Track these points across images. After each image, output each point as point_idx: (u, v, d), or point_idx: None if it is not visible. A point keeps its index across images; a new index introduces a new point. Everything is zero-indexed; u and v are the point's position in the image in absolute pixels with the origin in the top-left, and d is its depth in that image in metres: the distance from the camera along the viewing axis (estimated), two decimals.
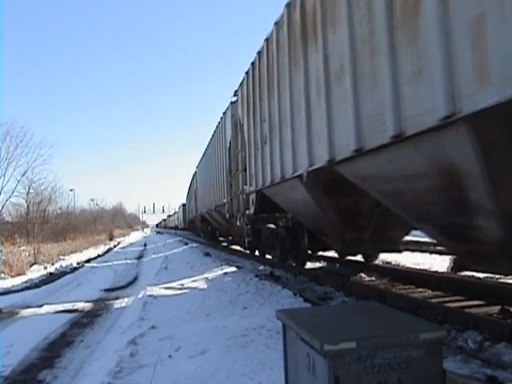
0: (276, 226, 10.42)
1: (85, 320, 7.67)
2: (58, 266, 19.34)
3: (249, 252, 14.66)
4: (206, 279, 9.84)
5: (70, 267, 18.69)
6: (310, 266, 10.06)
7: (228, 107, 13.60)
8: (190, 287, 8.99)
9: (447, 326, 4.59)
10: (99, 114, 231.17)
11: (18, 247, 22.21)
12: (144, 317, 6.48)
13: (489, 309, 5.20)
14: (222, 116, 14.96)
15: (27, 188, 33.40)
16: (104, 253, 29.22)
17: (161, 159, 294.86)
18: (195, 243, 25.74)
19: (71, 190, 44.15)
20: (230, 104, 13.05)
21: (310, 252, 9.42)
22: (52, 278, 15.48)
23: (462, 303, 5.58)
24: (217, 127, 16.46)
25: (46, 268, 18.92)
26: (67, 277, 15.61)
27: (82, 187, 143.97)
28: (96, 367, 4.82)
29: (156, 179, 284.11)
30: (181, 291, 8.62)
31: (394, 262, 9.58)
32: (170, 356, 4.52)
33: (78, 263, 20.59)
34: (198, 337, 5.05)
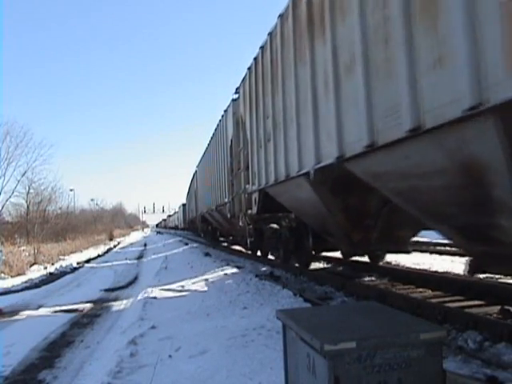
0: (279, 226, 10.23)
1: (85, 320, 7.67)
2: (57, 266, 19.34)
3: (250, 252, 14.44)
4: (206, 279, 9.83)
5: (69, 267, 18.70)
6: (312, 266, 9.95)
7: (229, 104, 13.34)
8: (190, 287, 8.99)
9: (447, 326, 4.59)
10: (99, 113, 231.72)
11: (18, 247, 22.22)
12: (144, 317, 6.48)
13: (489, 309, 5.20)
14: (223, 114, 14.70)
15: (27, 188, 33.47)
16: (104, 253, 29.23)
17: (161, 159, 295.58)
18: (195, 243, 25.73)
19: (71, 190, 44.26)
20: (232, 101, 12.81)
21: (313, 253, 9.21)
22: (52, 278, 15.48)
23: (462, 303, 5.58)
24: (218, 125, 16.20)
25: (46, 268, 18.93)
26: (67, 277, 15.62)
27: (82, 187, 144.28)
28: (96, 367, 4.83)
29: (156, 179, 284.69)
30: (181, 291, 8.62)
31: (393, 262, 9.58)
32: (170, 356, 4.52)
33: (77, 263, 20.60)
34: (198, 337, 5.05)
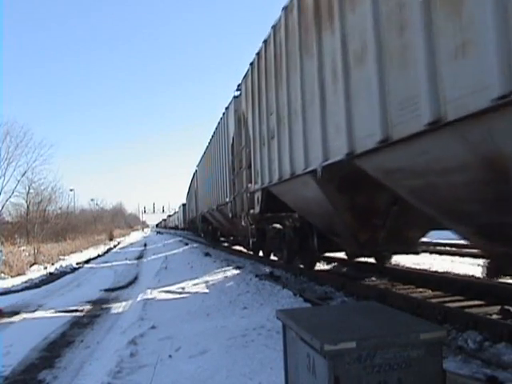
0: (282, 226, 9.98)
1: (85, 320, 7.67)
2: (57, 266, 19.34)
3: (252, 253, 14.20)
4: (206, 279, 9.83)
5: (69, 267, 18.70)
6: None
7: (231, 102, 13.04)
8: (190, 287, 8.99)
9: (447, 326, 4.58)
10: (99, 113, 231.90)
11: (18, 247, 22.22)
12: (144, 317, 6.48)
13: (489, 309, 5.21)
14: (225, 111, 14.39)
15: (27, 188, 33.47)
16: (104, 253, 29.23)
17: (161, 159, 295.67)
18: (195, 243, 25.72)
19: (71, 190, 44.25)
20: (233, 98, 12.54)
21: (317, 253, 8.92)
22: (52, 278, 15.48)
23: (462, 303, 5.58)
24: (219, 123, 15.90)
25: (45, 268, 18.93)
26: (67, 277, 15.62)
27: (82, 187, 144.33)
28: (96, 367, 4.83)
29: (156, 179, 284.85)
30: (180, 291, 8.62)
31: (393, 262, 9.57)
32: (170, 356, 4.52)
33: (77, 263, 20.61)
34: (198, 337, 5.05)
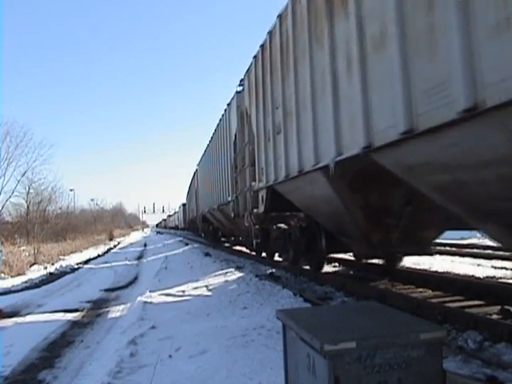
0: (288, 226, 9.69)
1: (85, 320, 7.67)
2: (57, 266, 19.34)
3: (254, 254, 13.91)
4: (206, 279, 9.83)
5: (69, 267, 18.70)
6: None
7: (233, 97, 12.72)
8: (190, 287, 8.98)
9: (447, 326, 4.58)
10: (99, 113, 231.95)
11: (18, 247, 22.21)
12: (144, 317, 6.47)
13: (489, 309, 5.21)
14: (226, 108, 14.00)
15: (27, 188, 33.46)
16: (104, 253, 29.22)
17: (161, 159, 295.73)
18: (196, 243, 25.72)
19: (71, 190, 44.24)
20: (236, 94, 12.22)
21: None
22: (52, 278, 15.48)
23: (462, 303, 5.58)
24: (220, 120, 15.52)
25: (45, 268, 18.93)
26: (67, 277, 15.61)
27: (82, 187, 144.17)
28: (96, 367, 4.83)
29: (156, 179, 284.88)
30: (180, 292, 8.61)
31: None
32: (170, 356, 4.52)
33: (77, 263, 20.60)
34: (198, 337, 5.05)
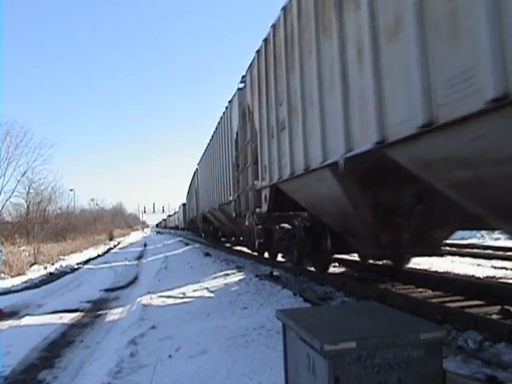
0: (291, 226, 9.46)
1: (85, 320, 7.67)
2: (57, 265, 19.35)
3: (256, 254, 13.64)
4: (206, 279, 9.83)
5: (69, 267, 18.70)
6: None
7: (234, 94, 12.44)
8: (190, 287, 8.98)
9: (447, 326, 4.59)
10: (99, 113, 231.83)
11: (18, 247, 22.22)
12: (144, 317, 6.47)
13: (489, 309, 5.21)
14: (228, 105, 13.74)
15: (27, 188, 33.46)
16: (104, 253, 29.22)
17: (161, 159, 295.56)
18: (196, 243, 25.71)
19: (71, 190, 44.26)
20: (237, 91, 11.96)
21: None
22: (52, 278, 15.48)
23: (462, 303, 5.59)
24: (221, 118, 15.25)
25: (45, 268, 18.93)
26: (67, 277, 15.61)
27: (82, 187, 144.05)
28: (96, 367, 4.83)
29: (156, 179, 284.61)
30: (180, 292, 8.61)
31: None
32: (170, 356, 4.52)
33: (77, 263, 20.60)
34: (198, 337, 5.05)
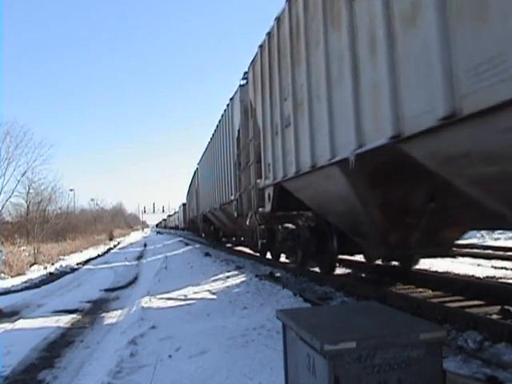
0: (295, 226, 9.25)
1: (85, 320, 7.67)
2: (57, 265, 19.35)
3: (259, 255, 13.32)
4: (206, 280, 9.83)
5: (69, 267, 18.70)
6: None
7: (236, 91, 12.29)
8: (190, 288, 8.98)
9: (447, 326, 4.59)
10: (99, 113, 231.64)
11: (18, 247, 22.22)
12: (144, 317, 6.47)
13: (489, 309, 5.21)
14: (229, 103, 13.58)
15: (27, 188, 33.48)
16: (104, 253, 29.22)
17: (161, 159, 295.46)
18: (196, 244, 25.70)
19: (71, 190, 44.25)
20: (239, 87, 11.82)
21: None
22: (52, 278, 15.49)
23: (462, 303, 5.59)
24: (222, 116, 15.08)
25: (45, 268, 18.93)
26: (67, 277, 15.61)
27: (82, 187, 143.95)
28: (96, 367, 4.83)
29: (156, 179, 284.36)
30: (180, 292, 8.61)
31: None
32: (170, 356, 4.52)
33: (77, 263, 20.61)
34: (197, 337, 5.05)
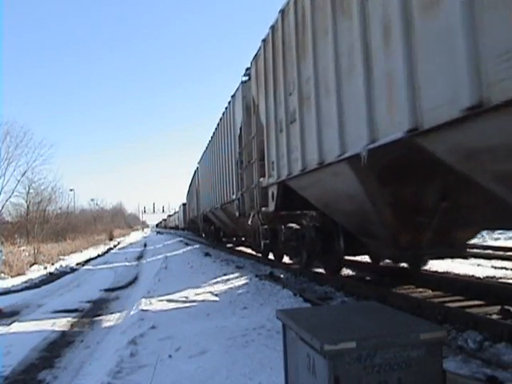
0: (300, 226, 8.99)
1: (85, 320, 7.67)
2: (57, 265, 19.35)
3: (261, 255, 12.97)
4: (206, 280, 9.83)
5: (69, 267, 18.71)
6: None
7: (238, 88, 12.02)
8: (190, 288, 8.97)
9: (447, 326, 4.58)
10: (99, 113, 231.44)
11: (18, 247, 22.23)
12: (144, 317, 6.47)
13: (489, 309, 5.21)
14: (230, 100, 13.31)
15: (27, 188, 33.50)
16: (104, 253, 29.21)
17: (161, 159, 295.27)
18: (196, 244, 25.69)
19: (71, 190, 44.26)
20: (241, 84, 11.55)
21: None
22: (52, 278, 15.48)
23: (462, 303, 5.58)
24: (223, 114, 14.85)
25: (45, 268, 18.92)
26: (67, 277, 15.62)
27: (82, 187, 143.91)
28: (96, 367, 4.83)
29: (156, 179, 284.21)
30: (180, 292, 8.60)
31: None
32: (170, 356, 4.52)
33: (77, 263, 20.62)
34: (197, 337, 5.05)
